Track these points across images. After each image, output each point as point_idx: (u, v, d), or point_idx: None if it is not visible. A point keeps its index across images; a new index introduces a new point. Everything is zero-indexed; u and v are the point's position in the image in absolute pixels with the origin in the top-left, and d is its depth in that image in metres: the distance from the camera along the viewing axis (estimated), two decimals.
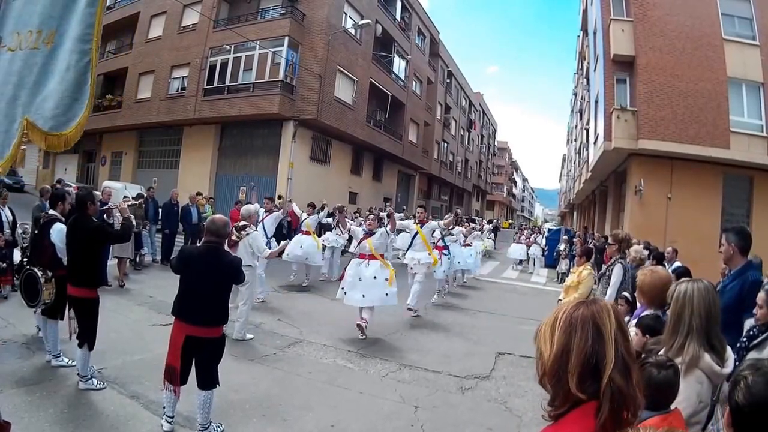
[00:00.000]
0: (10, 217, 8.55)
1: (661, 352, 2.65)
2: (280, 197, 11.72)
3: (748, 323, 3.10)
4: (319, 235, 13.21)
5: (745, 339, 2.83)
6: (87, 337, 4.94)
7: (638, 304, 3.82)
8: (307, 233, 11.88)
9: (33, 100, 2.96)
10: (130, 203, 6.71)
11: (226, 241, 7.12)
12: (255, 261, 7.54)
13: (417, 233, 9.92)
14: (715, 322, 2.66)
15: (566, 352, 1.40)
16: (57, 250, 5.35)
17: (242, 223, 7.28)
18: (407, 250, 10.03)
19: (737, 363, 2.67)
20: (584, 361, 1.38)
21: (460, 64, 45.73)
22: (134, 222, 9.77)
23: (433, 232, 10.33)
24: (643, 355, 2.80)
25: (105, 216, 7.03)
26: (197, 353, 4.17)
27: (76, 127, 2.93)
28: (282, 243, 8.55)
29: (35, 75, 2.99)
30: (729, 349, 2.72)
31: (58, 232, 5.32)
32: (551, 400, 1.45)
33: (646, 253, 6.81)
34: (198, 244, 5.02)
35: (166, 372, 4.18)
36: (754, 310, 2.89)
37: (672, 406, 2.17)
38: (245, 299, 7.31)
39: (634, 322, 3.49)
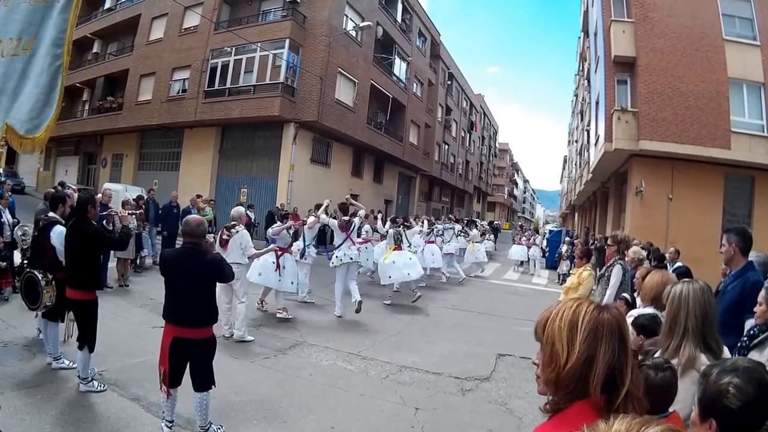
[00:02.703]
0: (11, 219, 8.57)
1: (657, 354, 2.65)
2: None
3: (749, 323, 3.10)
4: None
5: (745, 338, 2.83)
6: (87, 339, 4.96)
7: (639, 304, 3.82)
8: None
9: (12, 105, 3.09)
10: (130, 212, 6.79)
11: (218, 239, 7.35)
12: (245, 259, 7.64)
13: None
14: (711, 323, 2.66)
15: (590, 360, 1.35)
16: (57, 253, 5.36)
17: (232, 222, 7.64)
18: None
19: None
20: (609, 371, 1.34)
21: (460, 65, 45.78)
22: (134, 224, 9.83)
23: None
24: (640, 357, 2.80)
25: (105, 222, 7.05)
26: (188, 355, 4.17)
27: (45, 131, 3.07)
28: (270, 246, 8.70)
29: (15, 81, 3.11)
30: (726, 349, 2.72)
31: (59, 234, 5.34)
32: (558, 399, 1.40)
33: (644, 253, 6.80)
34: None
35: (159, 374, 4.20)
36: (755, 309, 2.89)
37: (670, 409, 2.16)
38: (240, 296, 7.37)
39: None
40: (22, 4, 3.18)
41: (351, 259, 9.64)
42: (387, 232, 10.93)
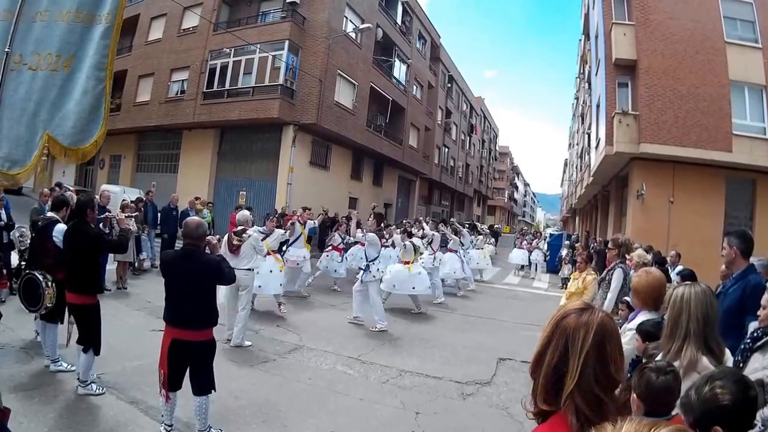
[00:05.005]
0: (5, 220, 8.46)
1: (659, 357, 2.64)
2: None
3: (752, 326, 3.08)
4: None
5: (749, 340, 2.80)
6: (92, 342, 4.95)
7: (635, 306, 3.79)
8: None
9: (53, 118, 3.32)
10: (128, 215, 6.76)
11: (226, 245, 7.26)
12: (255, 265, 7.55)
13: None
14: (712, 326, 2.67)
15: (543, 355, 1.40)
16: (59, 250, 5.35)
17: (240, 228, 7.53)
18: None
19: (741, 365, 2.67)
20: (551, 372, 1.37)
21: (458, 68, 45.82)
22: (134, 227, 9.78)
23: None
24: (644, 360, 2.79)
25: (101, 225, 7.02)
26: (187, 357, 4.15)
27: (93, 144, 3.32)
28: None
29: (55, 95, 3.34)
30: (728, 352, 2.73)
31: (60, 231, 5.35)
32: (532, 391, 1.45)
33: (649, 257, 6.77)
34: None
35: (159, 377, 4.18)
36: (758, 312, 2.87)
37: (673, 412, 2.14)
38: (244, 304, 7.30)
39: (629, 325, 3.47)
40: (60, 22, 3.37)
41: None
42: (404, 244, 10.28)
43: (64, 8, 3.37)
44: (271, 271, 8.92)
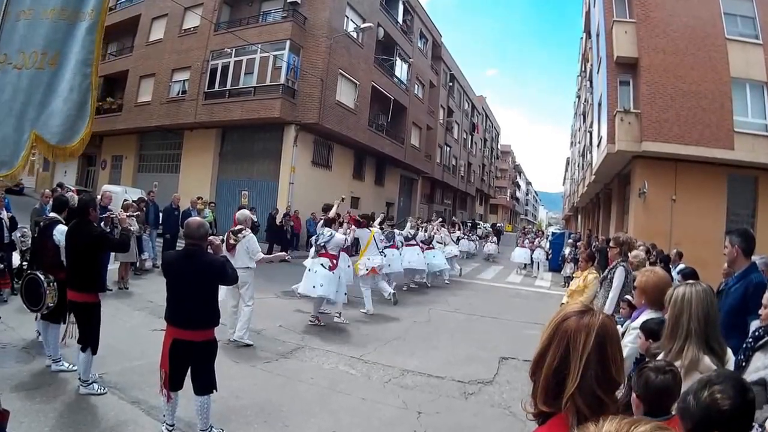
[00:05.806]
0: (7, 221, 8.47)
1: (660, 356, 2.63)
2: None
3: (754, 324, 3.08)
4: None
5: (750, 340, 2.80)
6: (89, 341, 4.95)
7: (638, 305, 3.77)
8: None
9: (39, 116, 3.30)
10: (129, 214, 6.77)
11: (224, 244, 7.26)
12: (253, 263, 7.55)
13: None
14: (713, 325, 2.66)
15: (543, 357, 1.40)
16: (60, 250, 5.37)
17: (238, 227, 7.51)
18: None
19: (743, 364, 2.66)
20: (552, 374, 1.37)
21: (459, 67, 45.81)
22: (135, 227, 9.78)
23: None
24: (646, 359, 2.78)
25: (102, 224, 7.03)
26: (188, 357, 4.15)
27: (80, 141, 3.30)
28: (279, 253, 8.52)
29: (41, 93, 3.32)
30: (729, 351, 2.72)
31: (62, 232, 5.38)
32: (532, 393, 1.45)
33: (643, 254, 6.76)
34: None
35: (160, 377, 4.18)
36: (760, 311, 2.87)
37: (673, 412, 2.13)
38: (247, 299, 7.33)
39: (633, 324, 3.46)
40: (45, 20, 3.36)
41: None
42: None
43: (48, 6, 3.36)
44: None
